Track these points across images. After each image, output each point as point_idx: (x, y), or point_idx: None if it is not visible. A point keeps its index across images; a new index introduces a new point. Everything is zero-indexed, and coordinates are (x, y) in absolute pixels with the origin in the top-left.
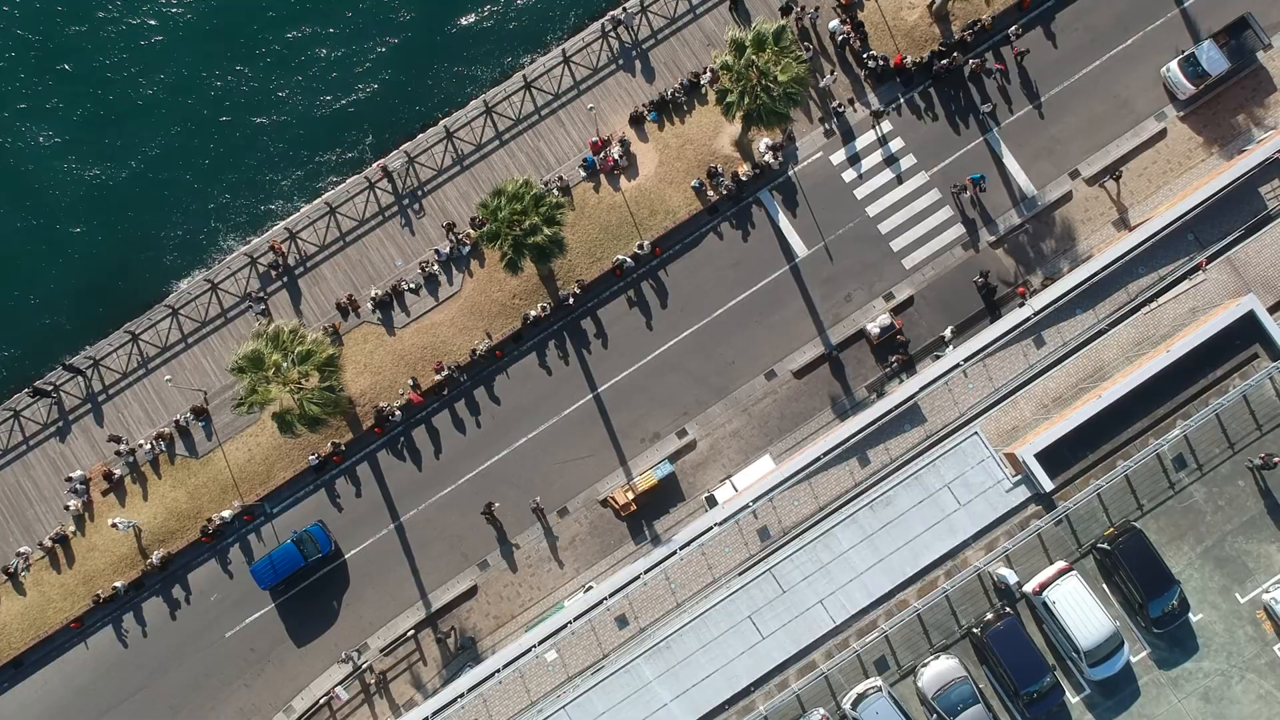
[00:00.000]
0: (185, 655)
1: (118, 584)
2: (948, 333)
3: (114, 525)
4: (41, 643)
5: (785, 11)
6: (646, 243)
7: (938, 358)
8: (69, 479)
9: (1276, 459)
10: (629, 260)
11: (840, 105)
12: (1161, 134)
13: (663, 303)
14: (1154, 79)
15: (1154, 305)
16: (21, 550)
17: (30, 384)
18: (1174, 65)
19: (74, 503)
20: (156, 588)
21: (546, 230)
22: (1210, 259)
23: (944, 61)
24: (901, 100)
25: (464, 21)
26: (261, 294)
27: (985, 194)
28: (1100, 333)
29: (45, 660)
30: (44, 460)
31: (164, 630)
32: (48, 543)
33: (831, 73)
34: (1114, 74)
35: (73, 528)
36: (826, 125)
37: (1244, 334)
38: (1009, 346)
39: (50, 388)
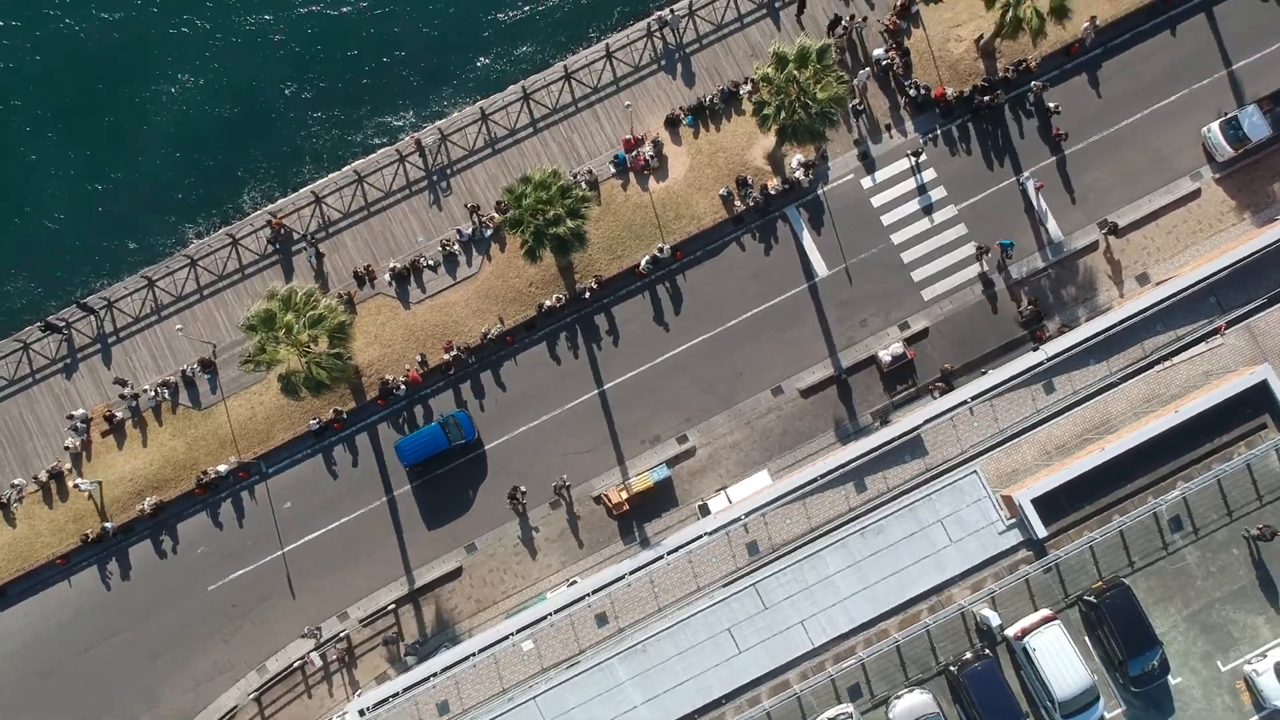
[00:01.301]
0: (167, 604)
1: (107, 525)
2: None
3: (76, 486)
4: (26, 575)
5: (833, 26)
6: (668, 246)
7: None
8: (70, 416)
9: (1274, 531)
10: (651, 259)
11: (861, 104)
12: (1195, 194)
13: (678, 307)
14: (1194, 138)
15: (1168, 364)
16: (16, 482)
17: (43, 318)
18: (1215, 126)
19: (73, 441)
20: (145, 534)
21: (569, 222)
22: (1230, 324)
23: (985, 98)
24: (939, 132)
25: (513, 5)
26: (318, 236)
27: (1011, 260)
28: (1111, 385)
29: (28, 593)
30: (48, 395)
31: (148, 577)
32: (43, 477)
33: (859, 102)
34: (1154, 128)
35: (69, 465)
36: (860, 148)
37: (1255, 403)
38: (1018, 389)
39: (62, 324)
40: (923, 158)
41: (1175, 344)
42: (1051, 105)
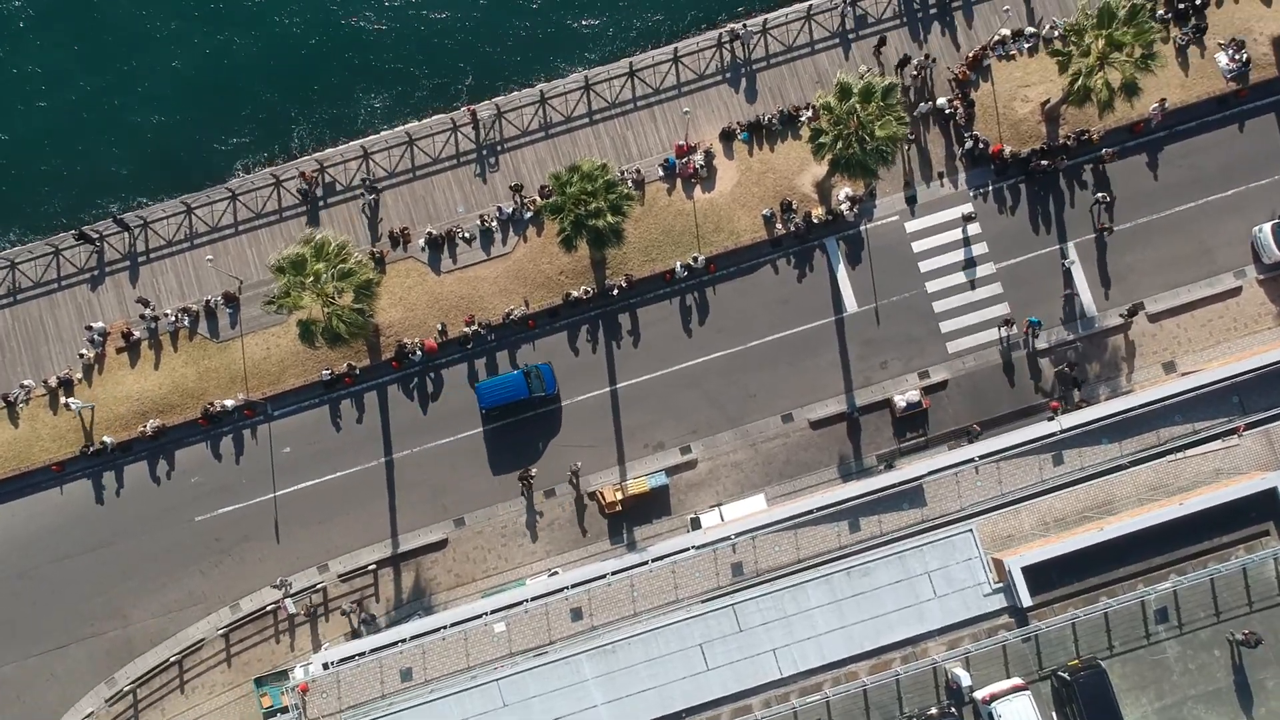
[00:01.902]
0: (152, 527)
1: (107, 439)
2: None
3: (67, 405)
4: (20, 476)
5: (902, 65)
6: (703, 256)
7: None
8: (89, 328)
9: (1259, 639)
10: (685, 267)
11: (914, 135)
12: (1236, 291)
13: (702, 319)
14: (1244, 236)
15: (1180, 455)
16: (26, 383)
17: (79, 227)
18: (1267, 228)
19: (88, 352)
20: (143, 454)
21: (610, 217)
22: (1249, 426)
23: (1043, 162)
24: (990, 188)
25: None
26: (376, 184)
27: (1038, 338)
28: (1120, 468)
29: (19, 493)
30: (71, 303)
31: (139, 498)
32: (53, 382)
33: (914, 136)
34: (1205, 220)
35: (80, 375)
36: (909, 191)
37: (1261, 509)
38: (1027, 456)
39: (96, 235)
40: (973, 226)
41: (1191, 437)
42: (1099, 196)
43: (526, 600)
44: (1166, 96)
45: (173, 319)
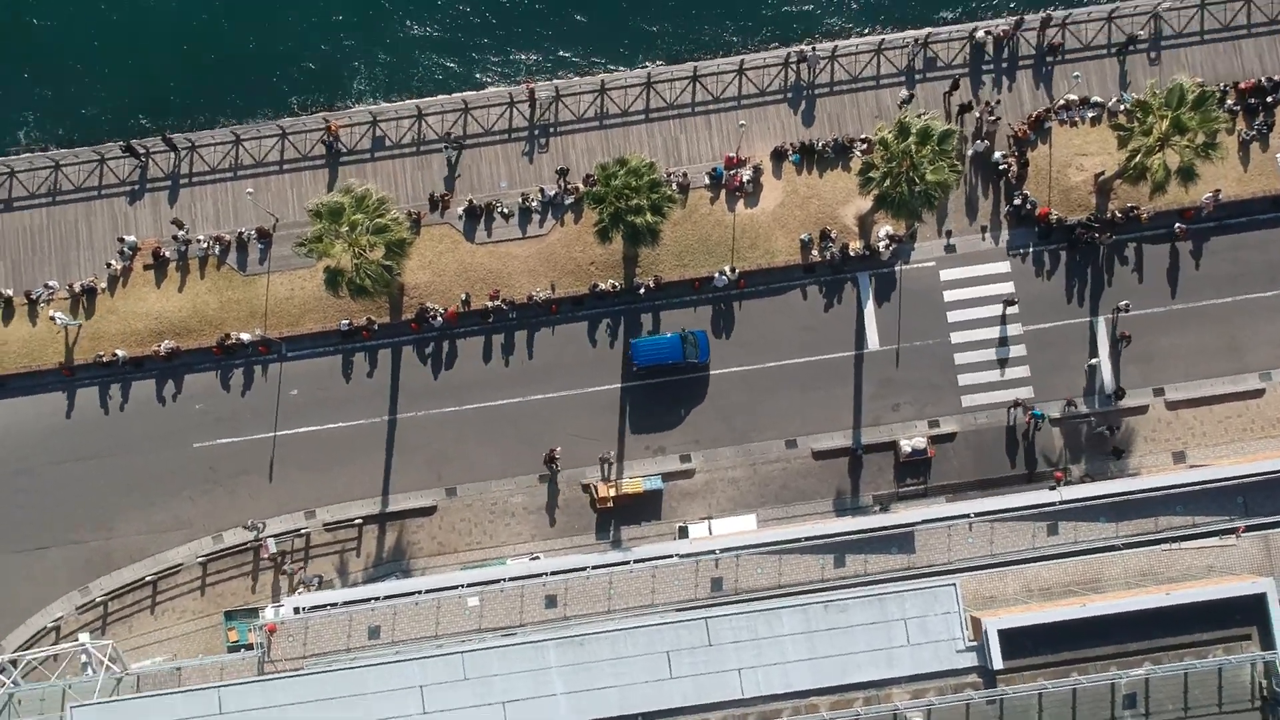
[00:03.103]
0: (150, 446)
1: (120, 352)
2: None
3: (53, 318)
4: (31, 374)
5: (964, 110)
6: (735, 270)
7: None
8: (121, 240)
9: None
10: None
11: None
12: (1259, 393)
13: (724, 333)
14: (1276, 339)
15: (1175, 546)
16: (51, 283)
17: (127, 140)
18: None
19: (116, 263)
20: (153, 373)
21: (649, 216)
22: (1249, 529)
23: (1095, 234)
24: (1031, 249)
25: None
26: (461, 141)
27: (1039, 430)
28: (1113, 548)
29: (26, 391)
30: (107, 213)
31: (142, 415)
32: (77, 288)
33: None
34: (1240, 317)
35: (104, 285)
36: (949, 240)
37: (1247, 612)
38: (1023, 521)
39: (143, 151)
40: (1014, 308)
41: (1189, 530)
42: (1123, 304)
43: (504, 579)
44: (1222, 188)
45: (204, 245)
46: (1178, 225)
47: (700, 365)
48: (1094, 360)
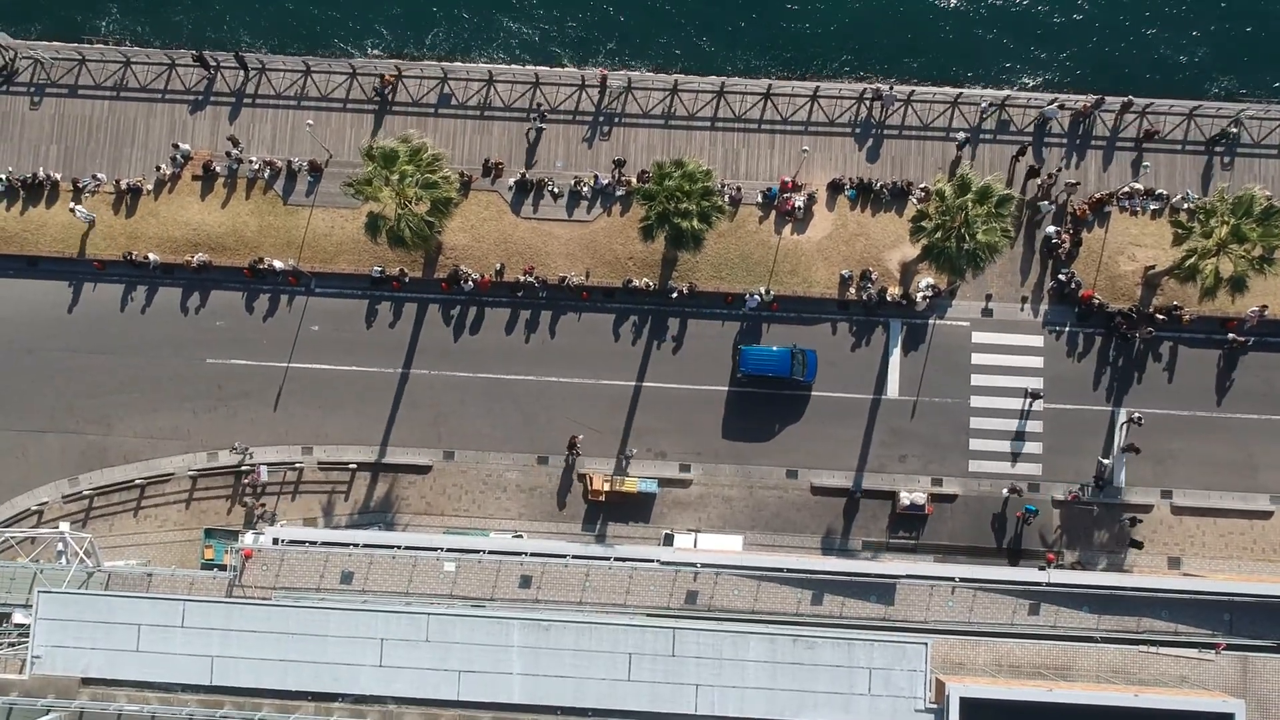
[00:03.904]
0: (165, 353)
1: (152, 256)
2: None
3: (72, 210)
4: (63, 259)
5: (1031, 175)
6: (770, 292)
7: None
8: (176, 146)
9: None
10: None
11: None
12: (1267, 515)
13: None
14: None
15: (1153, 650)
16: (99, 175)
17: (201, 50)
18: None
19: (166, 168)
20: (181, 282)
21: (696, 222)
22: (1230, 648)
23: (1127, 324)
24: (1067, 329)
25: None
26: (546, 114)
27: (1029, 526)
28: (1090, 640)
29: (55, 275)
30: (166, 118)
31: (163, 321)
32: (123, 185)
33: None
34: (1261, 437)
35: (150, 187)
36: (988, 304)
37: None
38: (1005, 595)
39: (214, 64)
40: (1038, 403)
41: (1170, 637)
42: (1136, 416)
43: (484, 551)
44: (1270, 305)
45: (255, 167)
46: (1232, 336)
47: (799, 385)
48: (1106, 460)
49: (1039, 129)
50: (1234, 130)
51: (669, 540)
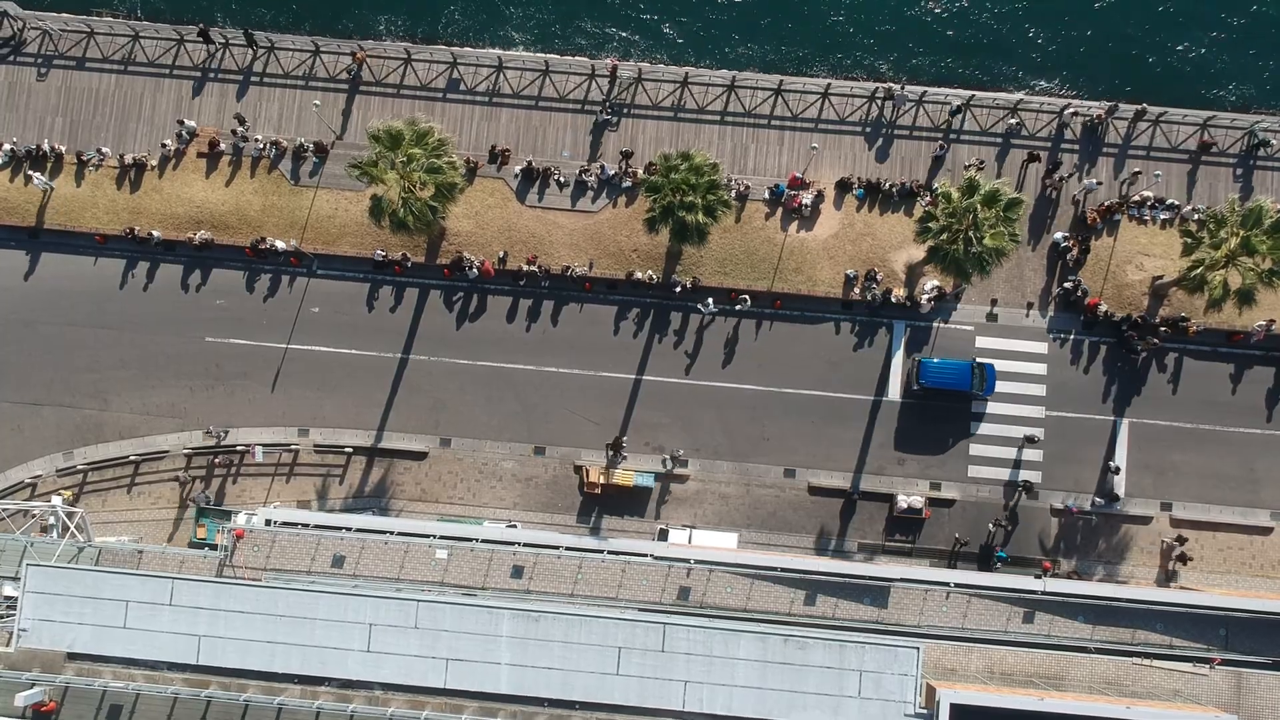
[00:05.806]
0: (163, 330)
1: (155, 232)
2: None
3: (30, 176)
4: (64, 233)
5: (1049, 174)
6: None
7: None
8: (181, 122)
9: None
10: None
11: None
12: (1266, 531)
13: (749, 349)
14: None
15: (1147, 663)
16: (104, 149)
17: (209, 27)
18: None
19: (172, 144)
20: (183, 259)
21: (701, 216)
22: (1225, 663)
23: (1132, 333)
24: (1071, 336)
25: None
26: (621, 109)
27: (996, 569)
28: (1084, 650)
29: (58, 248)
30: (173, 94)
31: (163, 298)
32: (128, 160)
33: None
34: (1263, 451)
35: (155, 163)
36: (993, 309)
37: None
38: (1000, 603)
39: (222, 40)
40: (1037, 438)
41: (1165, 650)
42: (1113, 465)
43: (477, 540)
44: (1278, 319)
45: (261, 146)
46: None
47: (980, 400)
48: (1115, 464)
49: (1056, 136)
50: (1273, 141)
51: (663, 535)
